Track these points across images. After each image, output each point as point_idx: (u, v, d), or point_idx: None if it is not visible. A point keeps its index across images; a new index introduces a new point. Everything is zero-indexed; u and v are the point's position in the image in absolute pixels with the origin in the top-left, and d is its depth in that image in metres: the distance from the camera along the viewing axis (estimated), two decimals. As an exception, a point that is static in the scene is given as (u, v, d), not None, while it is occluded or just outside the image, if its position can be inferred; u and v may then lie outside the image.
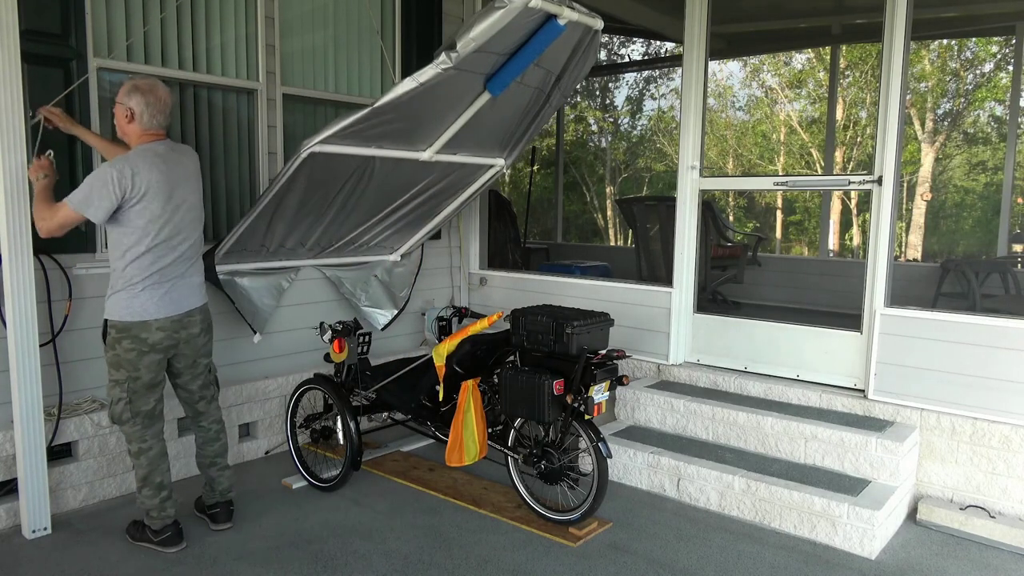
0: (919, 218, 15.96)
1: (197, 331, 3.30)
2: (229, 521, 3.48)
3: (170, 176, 3.12)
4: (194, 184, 3.27)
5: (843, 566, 3.23)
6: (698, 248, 4.72)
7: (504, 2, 2.97)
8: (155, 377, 3.21)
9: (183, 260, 3.21)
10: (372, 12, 4.92)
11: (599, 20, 3.53)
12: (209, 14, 4.15)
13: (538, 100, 4.16)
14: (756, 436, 3.98)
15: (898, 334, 3.91)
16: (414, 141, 3.94)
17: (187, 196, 3.20)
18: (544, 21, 3.33)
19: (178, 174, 3.17)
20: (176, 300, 3.20)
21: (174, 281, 3.19)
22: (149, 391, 3.21)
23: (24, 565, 3.12)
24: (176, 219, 3.15)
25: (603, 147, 19.72)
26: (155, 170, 3.07)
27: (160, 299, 3.14)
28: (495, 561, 3.21)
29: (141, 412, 3.20)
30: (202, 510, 3.55)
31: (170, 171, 3.13)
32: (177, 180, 3.16)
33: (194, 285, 3.30)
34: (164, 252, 3.13)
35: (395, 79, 5.04)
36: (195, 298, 3.29)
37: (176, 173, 3.16)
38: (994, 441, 3.61)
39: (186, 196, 3.20)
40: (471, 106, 3.85)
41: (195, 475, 4.03)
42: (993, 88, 15.21)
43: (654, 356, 4.79)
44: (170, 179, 3.12)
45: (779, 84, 18.31)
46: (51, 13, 3.48)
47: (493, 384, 3.71)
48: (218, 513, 3.47)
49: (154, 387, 3.23)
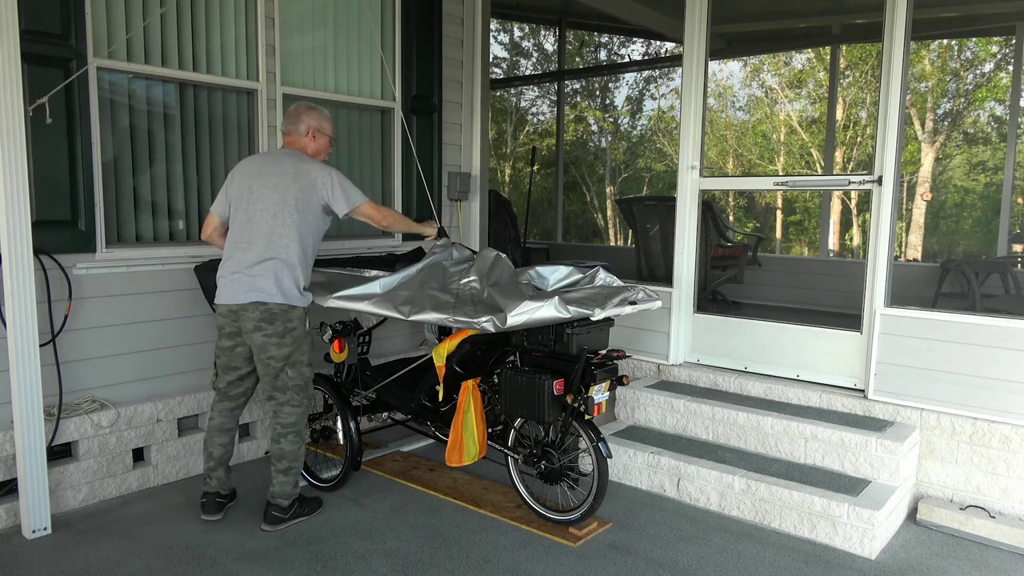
0: (919, 218, 15.97)
1: (251, 327, 3.31)
2: (266, 522, 3.48)
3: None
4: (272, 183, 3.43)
5: (843, 566, 3.22)
6: (698, 248, 4.72)
7: (564, 312, 3.14)
8: (228, 361, 3.47)
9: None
10: (372, 12, 4.92)
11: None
12: (209, 14, 4.15)
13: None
14: (756, 436, 3.98)
15: (898, 334, 3.92)
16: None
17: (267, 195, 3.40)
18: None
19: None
20: (231, 291, 3.34)
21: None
22: (224, 371, 3.51)
23: (24, 565, 3.12)
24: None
25: (603, 147, 19.72)
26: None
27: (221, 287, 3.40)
28: (495, 561, 3.21)
29: (217, 387, 3.55)
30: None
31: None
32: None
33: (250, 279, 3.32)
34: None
35: (395, 80, 5.05)
36: (251, 292, 3.30)
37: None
38: (994, 441, 3.61)
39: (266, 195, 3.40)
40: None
41: (195, 475, 4.04)
42: (993, 88, 15.21)
43: (654, 356, 4.79)
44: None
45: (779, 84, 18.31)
46: (51, 13, 3.48)
47: (493, 384, 3.71)
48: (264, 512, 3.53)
49: (227, 369, 3.49)
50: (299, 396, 3.45)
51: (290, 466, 3.46)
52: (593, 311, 3.20)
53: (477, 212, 5.72)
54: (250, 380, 3.55)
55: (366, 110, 5.04)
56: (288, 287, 3.32)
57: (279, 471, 3.46)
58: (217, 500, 3.56)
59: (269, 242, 3.30)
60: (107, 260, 3.76)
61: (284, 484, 3.46)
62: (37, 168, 3.45)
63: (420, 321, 3.32)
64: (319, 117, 3.57)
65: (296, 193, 3.34)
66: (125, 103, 3.90)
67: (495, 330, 3.12)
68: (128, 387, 3.89)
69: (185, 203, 4.17)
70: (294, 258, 3.33)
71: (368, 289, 3.54)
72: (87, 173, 3.64)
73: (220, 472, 3.57)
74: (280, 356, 3.35)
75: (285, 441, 3.44)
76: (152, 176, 4.04)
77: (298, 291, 3.36)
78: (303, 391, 3.46)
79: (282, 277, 3.30)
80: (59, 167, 3.54)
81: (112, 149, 3.85)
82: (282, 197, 3.32)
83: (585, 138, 19.66)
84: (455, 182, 5.49)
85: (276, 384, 3.41)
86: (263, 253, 3.29)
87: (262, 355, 3.35)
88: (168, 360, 4.02)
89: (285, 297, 3.31)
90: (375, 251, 4.91)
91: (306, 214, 3.36)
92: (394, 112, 5.09)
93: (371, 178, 5.14)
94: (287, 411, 3.44)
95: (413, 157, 5.13)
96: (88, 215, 3.66)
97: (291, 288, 3.33)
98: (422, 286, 3.54)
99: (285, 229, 3.31)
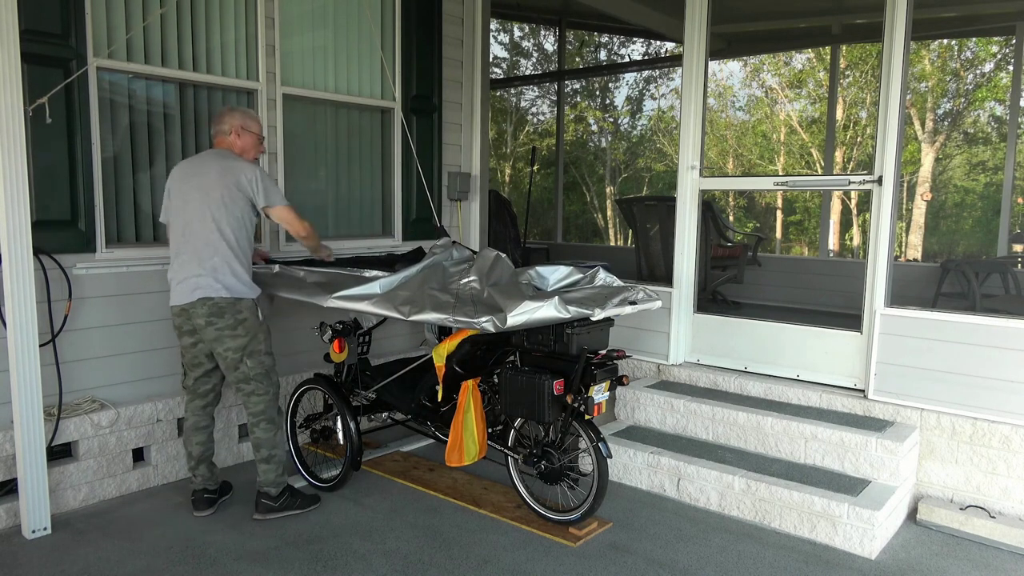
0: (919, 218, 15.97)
1: (203, 323, 3.40)
2: (257, 511, 3.59)
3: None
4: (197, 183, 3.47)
5: (843, 566, 3.22)
6: (698, 248, 4.72)
7: (564, 312, 3.15)
8: (191, 359, 3.55)
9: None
10: (372, 12, 4.92)
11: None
12: (209, 14, 4.15)
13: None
14: (756, 436, 3.97)
15: (898, 334, 3.91)
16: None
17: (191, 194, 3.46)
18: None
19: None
20: (179, 292, 3.44)
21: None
22: (190, 369, 3.59)
23: (24, 565, 3.12)
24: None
25: (603, 147, 19.72)
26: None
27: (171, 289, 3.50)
28: (495, 561, 3.21)
29: (186, 386, 3.63)
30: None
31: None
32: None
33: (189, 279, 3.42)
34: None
35: (395, 80, 5.05)
36: (197, 291, 3.40)
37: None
38: (994, 441, 3.61)
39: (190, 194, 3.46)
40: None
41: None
42: (993, 88, 15.21)
43: (654, 356, 4.79)
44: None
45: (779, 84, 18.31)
46: (51, 13, 3.48)
47: (493, 384, 3.71)
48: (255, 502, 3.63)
49: (192, 366, 3.57)
50: (263, 384, 3.53)
51: (270, 454, 3.55)
52: (593, 311, 3.21)
53: (477, 212, 5.72)
54: (216, 376, 3.64)
55: (366, 110, 5.04)
56: (229, 281, 3.41)
57: (261, 460, 3.56)
58: (206, 496, 3.64)
59: (204, 240, 3.38)
60: (107, 260, 3.76)
61: (267, 472, 3.55)
62: (37, 168, 3.45)
63: (420, 321, 3.32)
64: (242, 116, 3.64)
65: (222, 189, 3.40)
66: (125, 103, 3.90)
67: (495, 330, 3.12)
68: (128, 387, 3.89)
69: (185, 203, 4.17)
70: (228, 253, 3.41)
71: (368, 289, 3.54)
72: (87, 173, 3.64)
73: (202, 469, 3.64)
74: (236, 347, 3.44)
75: (258, 429, 3.53)
76: (152, 176, 4.04)
77: (241, 283, 3.45)
78: (266, 379, 3.54)
79: (222, 272, 3.40)
80: (59, 167, 3.54)
81: (112, 149, 3.85)
82: (209, 196, 3.39)
83: (585, 138, 19.66)
84: (455, 182, 5.49)
85: (238, 376, 3.50)
86: (200, 253, 3.38)
87: (219, 348, 3.45)
88: (168, 360, 4.02)
89: (229, 290, 3.41)
90: (375, 251, 4.91)
91: (233, 208, 3.43)
92: (394, 112, 5.09)
93: (371, 178, 5.15)
94: (254, 400, 3.52)
95: (413, 157, 5.13)
96: (88, 215, 3.66)
97: (232, 281, 3.42)
98: (422, 286, 3.55)
99: (216, 225, 3.39)
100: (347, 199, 5.03)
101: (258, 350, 3.50)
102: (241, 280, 3.45)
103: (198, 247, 3.39)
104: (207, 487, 3.66)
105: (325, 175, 4.89)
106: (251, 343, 3.47)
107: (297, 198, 4.64)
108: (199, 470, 3.64)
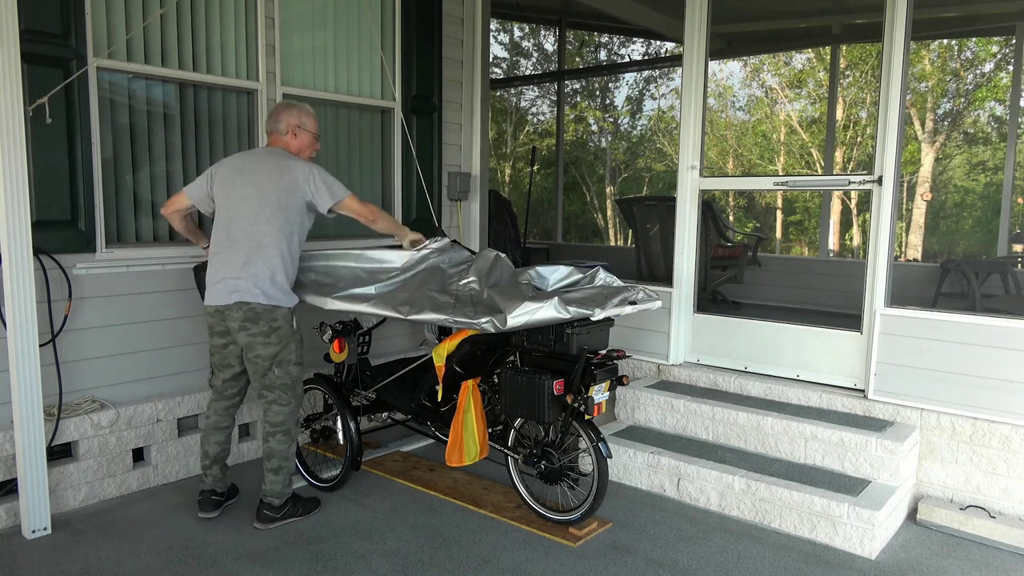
0: (919, 218, 15.97)
1: (236, 327, 3.32)
2: (257, 520, 3.50)
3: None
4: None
5: (843, 566, 3.22)
6: (698, 248, 4.72)
7: (564, 313, 3.16)
8: (221, 359, 3.49)
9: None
10: (372, 12, 4.92)
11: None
12: (209, 14, 4.15)
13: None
14: (756, 436, 3.97)
15: (898, 334, 3.91)
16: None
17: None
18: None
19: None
20: (217, 292, 3.35)
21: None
22: (219, 369, 3.53)
23: (24, 565, 3.12)
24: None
25: (603, 147, 19.72)
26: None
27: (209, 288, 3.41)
28: (495, 561, 3.21)
29: (213, 385, 3.58)
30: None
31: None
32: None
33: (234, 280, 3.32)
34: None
35: (395, 80, 5.04)
36: (235, 294, 3.30)
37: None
38: (994, 441, 3.61)
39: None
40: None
41: (195, 475, 4.04)
42: (993, 88, 15.21)
43: (654, 356, 4.79)
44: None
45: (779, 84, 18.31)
46: (51, 13, 3.48)
47: (493, 384, 3.71)
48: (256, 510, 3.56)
49: (221, 367, 3.51)
50: (287, 395, 3.45)
51: (280, 465, 3.47)
52: (593, 311, 3.21)
53: (477, 212, 5.72)
54: (243, 379, 3.57)
55: (366, 110, 5.04)
56: (270, 287, 3.31)
57: (270, 470, 3.47)
58: (213, 498, 3.58)
59: (252, 243, 3.29)
60: (107, 260, 3.76)
61: (275, 483, 3.47)
62: (37, 168, 3.45)
63: (420, 321, 3.32)
64: (300, 114, 3.52)
65: (278, 192, 3.31)
66: (125, 103, 3.90)
67: (495, 331, 3.12)
68: (128, 387, 3.89)
69: (185, 203, 4.18)
70: (276, 258, 3.32)
71: (366, 291, 3.54)
72: (87, 173, 3.64)
73: (215, 470, 3.58)
74: (267, 355, 3.35)
75: (273, 440, 3.45)
76: (152, 176, 4.04)
77: (281, 291, 3.35)
78: (291, 390, 3.45)
79: (264, 278, 3.29)
80: (59, 167, 3.54)
81: (112, 149, 3.85)
82: (264, 196, 3.30)
83: (585, 138, 19.66)
84: (455, 182, 5.49)
85: (264, 383, 3.42)
86: (246, 254, 3.29)
87: (249, 354, 3.37)
88: (168, 360, 4.02)
89: (268, 297, 3.30)
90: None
91: (289, 212, 3.34)
92: (394, 112, 5.09)
93: (371, 178, 5.14)
94: (275, 410, 3.44)
95: (413, 157, 5.13)
96: (88, 215, 3.66)
97: (273, 288, 3.31)
98: (421, 287, 3.55)
99: (267, 228, 3.29)
100: (347, 199, 5.03)
101: (288, 360, 3.41)
102: (281, 288, 3.34)
103: (245, 249, 3.28)
104: (216, 488, 3.59)
105: (325, 175, 4.89)
106: (282, 352, 3.38)
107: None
108: (212, 470, 3.57)
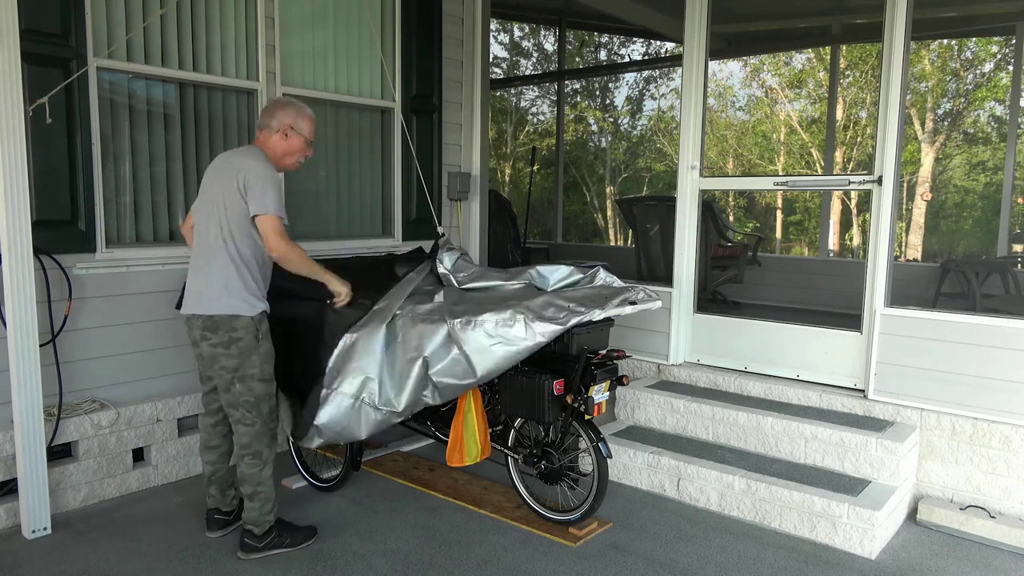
0: (919, 218, 15.97)
1: (198, 336, 3.11)
2: (240, 549, 3.23)
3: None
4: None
5: (843, 566, 3.22)
6: (698, 248, 4.72)
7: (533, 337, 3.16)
8: (202, 370, 3.30)
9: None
10: (372, 13, 4.92)
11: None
12: (209, 14, 4.15)
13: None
14: (756, 436, 3.97)
15: (898, 334, 3.91)
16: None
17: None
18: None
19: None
20: (185, 301, 3.16)
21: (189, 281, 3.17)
22: (202, 381, 3.34)
23: (24, 565, 3.12)
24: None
25: (603, 147, 19.72)
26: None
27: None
28: (495, 561, 3.21)
29: (202, 399, 3.38)
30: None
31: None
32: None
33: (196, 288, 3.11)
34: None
35: (395, 80, 5.04)
36: (197, 303, 3.09)
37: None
38: (994, 441, 3.61)
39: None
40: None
41: (195, 475, 4.04)
42: (993, 88, 15.21)
43: (654, 356, 4.79)
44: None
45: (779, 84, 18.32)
46: (51, 13, 3.48)
47: (493, 384, 3.71)
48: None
49: (203, 378, 3.32)
50: (251, 414, 3.11)
51: (254, 491, 3.16)
52: (593, 311, 3.20)
53: (477, 212, 5.72)
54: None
55: (366, 110, 5.04)
56: (224, 295, 3.02)
57: (245, 496, 3.20)
58: (217, 516, 3.41)
59: (207, 249, 3.06)
60: (107, 260, 3.76)
61: (251, 510, 3.18)
62: (37, 168, 3.45)
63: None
64: (297, 114, 3.19)
65: (226, 193, 3.02)
66: (125, 103, 3.90)
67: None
68: (128, 387, 3.89)
69: (185, 203, 4.17)
70: (228, 264, 3.03)
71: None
72: (87, 173, 3.64)
73: (213, 489, 3.39)
74: (229, 367, 3.06)
75: (243, 463, 3.15)
76: (152, 176, 4.04)
77: (239, 299, 3.03)
78: (254, 408, 3.11)
79: (218, 285, 3.02)
80: (59, 167, 3.54)
81: (112, 149, 3.85)
82: (216, 199, 3.04)
83: (585, 138, 19.67)
84: (455, 182, 5.49)
85: (228, 399, 3.13)
86: (205, 260, 3.06)
87: (214, 365, 3.09)
88: (168, 360, 4.02)
89: (226, 305, 3.02)
90: (375, 251, 4.91)
91: (234, 215, 3.02)
92: (394, 112, 5.09)
93: (371, 178, 5.14)
94: (240, 430, 3.14)
95: (413, 157, 5.13)
96: (88, 215, 3.66)
97: (228, 296, 3.02)
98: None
99: (220, 232, 3.03)
100: (347, 199, 5.03)
101: (250, 375, 3.08)
102: (237, 296, 3.03)
103: (204, 255, 3.07)
104: (219, 507, 3.40)
105: (325, 175, 4.89)
106: (244, 366, 3.06)
107: (297, 199, 4.65)
108: (209, 489, 3.38)
